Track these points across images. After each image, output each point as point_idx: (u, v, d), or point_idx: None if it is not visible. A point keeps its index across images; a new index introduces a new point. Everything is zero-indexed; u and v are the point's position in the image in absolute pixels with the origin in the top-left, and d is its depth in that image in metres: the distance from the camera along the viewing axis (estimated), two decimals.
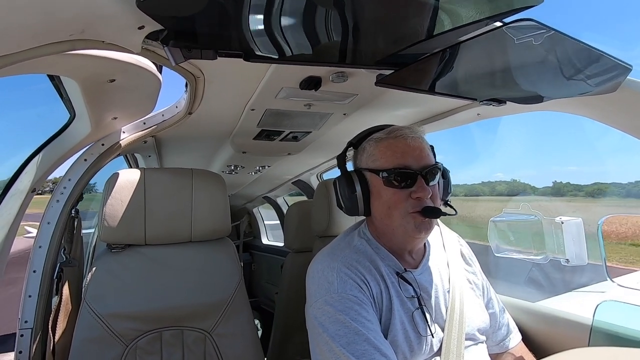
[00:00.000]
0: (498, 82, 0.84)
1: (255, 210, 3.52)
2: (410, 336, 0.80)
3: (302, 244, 1.56)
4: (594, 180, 26.92)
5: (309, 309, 0.82)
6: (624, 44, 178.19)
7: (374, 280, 0.81)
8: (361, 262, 0.83)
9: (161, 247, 1.16)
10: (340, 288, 0.78)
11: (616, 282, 1.21)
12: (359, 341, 0.72)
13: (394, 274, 0.85)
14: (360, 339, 0.72)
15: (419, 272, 0.88)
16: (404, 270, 0.85)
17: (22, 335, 1.09)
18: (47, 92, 1.03)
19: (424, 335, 0.81)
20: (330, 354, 0.73)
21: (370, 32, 0.66)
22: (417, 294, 0.83)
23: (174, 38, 0.59)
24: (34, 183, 1.09)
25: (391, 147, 0.85)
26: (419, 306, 0.83)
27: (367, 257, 0.85)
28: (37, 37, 0.58)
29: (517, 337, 0.99)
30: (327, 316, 0.76)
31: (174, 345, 1.07)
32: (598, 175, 38.20)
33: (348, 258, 0.83)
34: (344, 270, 0.81)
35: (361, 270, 0.81)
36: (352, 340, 0.72)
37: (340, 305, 0.76)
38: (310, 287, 0.84)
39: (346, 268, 0.81)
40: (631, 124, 0.86)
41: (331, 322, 0.75)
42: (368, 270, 0.82)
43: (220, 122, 1.29)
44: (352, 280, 0.79)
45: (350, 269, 0.81)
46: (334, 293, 0.78)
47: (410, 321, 0.81)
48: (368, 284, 0.80)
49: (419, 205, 0.82)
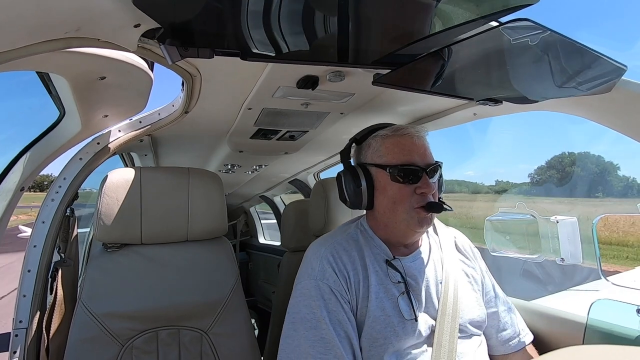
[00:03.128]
0: (494, 82, 0.84)
1: (252, 210, 3.52)
2: (394, 321, 0.81)
3: (299, 243, 1.56)
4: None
5: (294, 287, 0.89)
6: (618, 44, 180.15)
7: (354, 270, 0.86)
8: (348, 250, 0.88)
9: (157, 247, 1.15)
10: (320, 275, 0.84)
11: (610, 280, 1.23)
12: (320, 327, 0.79)
13: (383, 261, 0.88)
14: (322, 325, 0.79)
15: (410, 259, 0.90)
16: (393, 257, 0.88)
17: (17, 335, 1.08)
18: (36, 84, 1.01)
19: (408, 319, 0.82)
20: (292, 332, 0.81)
21: (367, 31, 0.66)
22: (403, 279, 0.86)
23: (170, 36, 0.59)
24: (23, 182, 1.08)
25: (398, 144, 0.88)
26: (404, 291, 0.85)
27: (356, 245, 0.90)
28: (32, 35, 0.57)
29: (528, 338, 0.98)
30: (302, 298, 0.84)
31: (171, 345, 1.07)
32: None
33: (336, 246, 0.89)
34: (327, 258, 0.86)
35: (344, 260, 0.86)
36: (313, 326, 0.79)
37: (315, 291, 0.83)
38: (300, 268, 0.91)
39: (330, 256, 0.86)
40: (625, 124, 0.87)
41: (303, 305, 0.83)
42: (352, 260, 0.87)
43: (217, 121, 1.29)
44: (331, 269, 0.85)
45: (334, 257, 0.86)
46: (312, 279, 0.84)
47: (394, 306, 0.83)
48: (347, 273, 0.85)
49: (423, 200, 0.85)
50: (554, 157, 33.56)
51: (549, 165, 29.05)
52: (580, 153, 29.97)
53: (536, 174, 29.58)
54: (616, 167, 28.07)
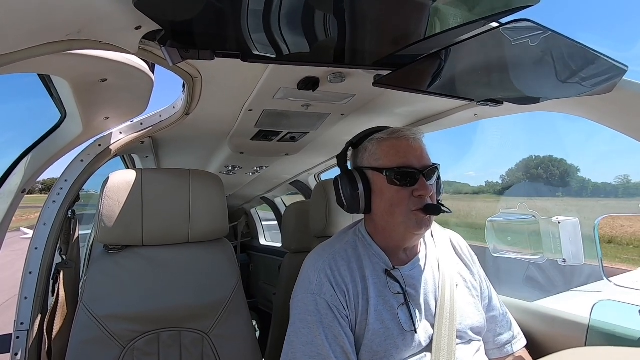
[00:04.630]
0: (495, 83, 0.84)
1: (252, 211, 3.51)
2: (394, 333, 0.81)
3: (300, 244, 1.56)
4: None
5: (292, 297, 0.88)
6: (620, 44, 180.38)
7: (353, 282, 0.85)
8: (347, 260, 0.87)
9: (158, 248, 1.15)
10: (317, 289, 0.83)
11: (613, 281, 1.22)
12: (316, 343, 0.78)
13: (382, 271, 0.87)
14: (318, 341, 0.78)
15: (409, 268, 0.89)
16: (392, 267, 0.88)
17: (18, 337, 1.08)
18: (37, 86, 1.02)
19: (408, 330, 0.82)
20: (289, 347, 0.81)
21: (368, 32, 0.66)
22: (403, 290, 0.85)
23: (171, 38, 0.59)
24: (24, 183, 1.08)
25: (394, 147, 0.87)
26: (404, 302, 0.84)
27: (355, 254, 0.89)
28: (34, 37, 0.57)
29: (522, 342, 0.98)
30: (298, 312, 0.83)
31: (172, 347, 1.07)
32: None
33: (335, 258, 0.87)
34: (325, 271, 0.85)
35: (342, 273, 0.85)
36: (310, 341, 0.79)
37: (312, 306, 0.82)
38: (298, 280, 0.90)
39: (329, 269, 0.85)
40: (626, 125, 0.86)
41: (299, 319, 0.82)
42: (351, 272, 0.86)
43: (217, 122, 1.29)
44: (329, 283, 0.84)
45: (333, 270, 0.85)
46: (309, 293, 0.84)
47: (393, 318, 0.83)
48: (346, 286, 0.84)
49: (421, 203, 0.85)
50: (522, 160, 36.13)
51: (517, 167, 30.78)
52: (545, 157, 31.95)
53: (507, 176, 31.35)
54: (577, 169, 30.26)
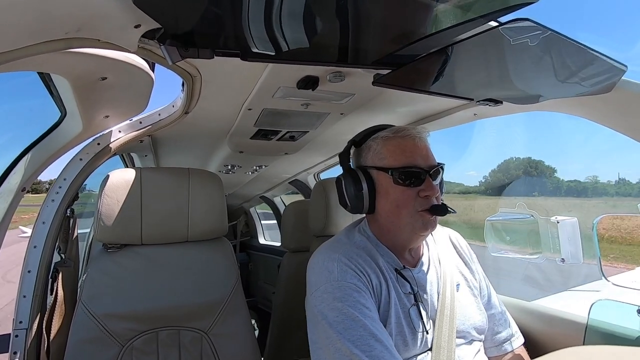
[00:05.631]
0: (495, 82, 0.84)
1: (252, 210, 3.51)
2: (405, 331, 0.81)
3: (299, 243, 1.56)
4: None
5: (309, 298, 0.82)
6: (619, 44, 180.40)
7: (374, 273, 0.82)
8: (361, 255, 0.84)
9: (158, 247, 1.15)
10: (340, 276, 0.79)
11: (611, 281, 1.22)
12: (355, 327, 0.72)
13: (393, 270, 0.86)
14: (357, 325, 0.73)
15: (417, 270, 0.89)
16: (403, 267, 0.86)
17: (17, 335, 1.08)
18: (37, 85, 1.01)
19: (418, 331, 0.82)
20: (327, 341, 0.74)
21: (367, 31, 0.66)
22: (414, 290, 0.85)
23: (170, 37, 0.59)
24: (24, 182, 1.08)
25: (400, 146, 0.86)
26: (415, 303, 0.84)
27: (367, 252, 0.86)
28: (33, 35, 0.57)
29: (519, 340, 0.98)
30: (326, 303, 0.77)
31: (171, 346, 1.07)
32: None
33: (349, 251, 0.84)
34: (344, 260, 0.81)
35: (361, 263, 0.82)
36: (348, 326, 0.73)
37: (339, 292, 0.77)
38: (311, 278, 0.85)
39: (346, 259, 0.82)
40: (625, 124, 0.87)
41: (330, 309, 0.76)
42: (368, 263, 0.83)
43: (217, 121, 1.29)
44: (351, 270, 0.80)
45: (351, 260, 0.82)
46: (333, 281, 0.79)
47: (406, 317, 0.82)
48: (368, 275, 0.81)
49: (427, 203, 0.83)
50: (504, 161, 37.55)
51: (499, 168, 32.17)
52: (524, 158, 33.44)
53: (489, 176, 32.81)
54: (553, 170, 31.47)
